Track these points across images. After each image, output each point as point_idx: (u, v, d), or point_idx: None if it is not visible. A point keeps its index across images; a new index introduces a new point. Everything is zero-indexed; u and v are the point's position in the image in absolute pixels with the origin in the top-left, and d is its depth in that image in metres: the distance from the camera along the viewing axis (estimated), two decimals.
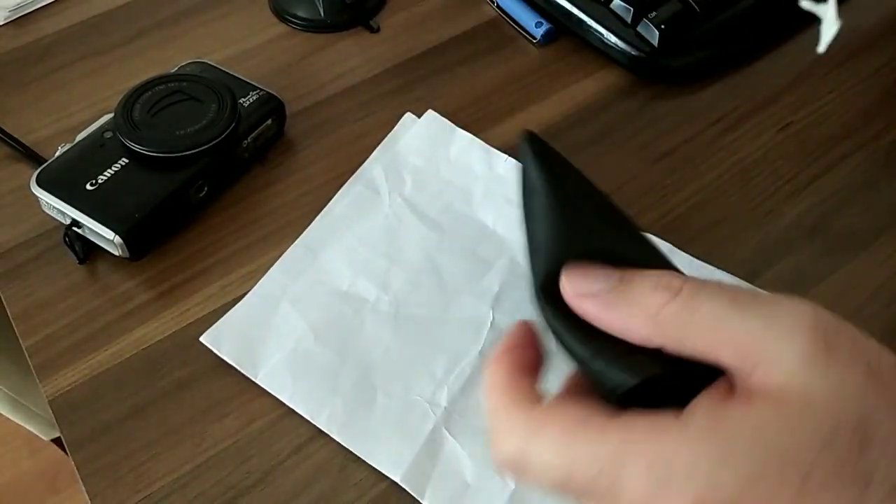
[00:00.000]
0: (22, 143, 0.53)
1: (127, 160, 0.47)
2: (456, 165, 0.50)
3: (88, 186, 0.46)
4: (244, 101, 0.51)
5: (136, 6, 0.63)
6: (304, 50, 0.59)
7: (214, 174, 0.49)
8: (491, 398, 0.24)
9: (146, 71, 0.53)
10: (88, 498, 0.39)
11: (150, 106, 0.48)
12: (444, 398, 0.41)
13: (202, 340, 0.43)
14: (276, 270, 0.46)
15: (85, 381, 0.42)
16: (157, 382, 0.42)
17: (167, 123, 0.48)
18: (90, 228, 0.45)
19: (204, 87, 0.50)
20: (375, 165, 0.50)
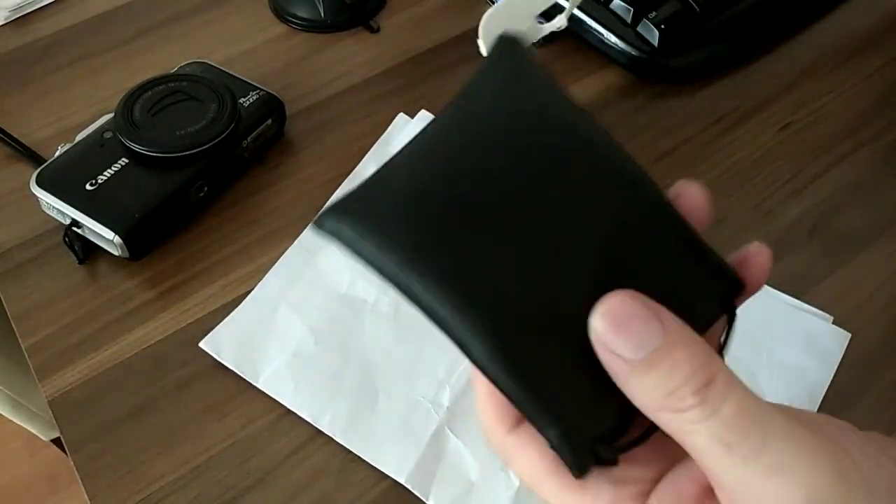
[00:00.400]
0: (22, 143, 0.53)
1: (127, 160, 0.47)
2: None
3: (88, 186, 0.46)
4: (244, 101, 0.51)
5: (135, 6, 0.63)
6: (304, 50, 0.59)
7: (214, 174, 0.49)
8: (479, 412, 0.25)
9: (146, 71, 0.53)
10: (88, 498, 0.38)
11: (150, 106, 0.48)
12: (446, 398, 0.41)
13: (202, 346, 0.43)
14: (273, 274, 0.45)
15: (85, 381, 0.42)
16: (157, 382, 0.42)
17: (167, 123, 0.48)
18: (90, 228, 0.45)
19: (204, 87, 0.50)
20: (370, 167, 0.50)
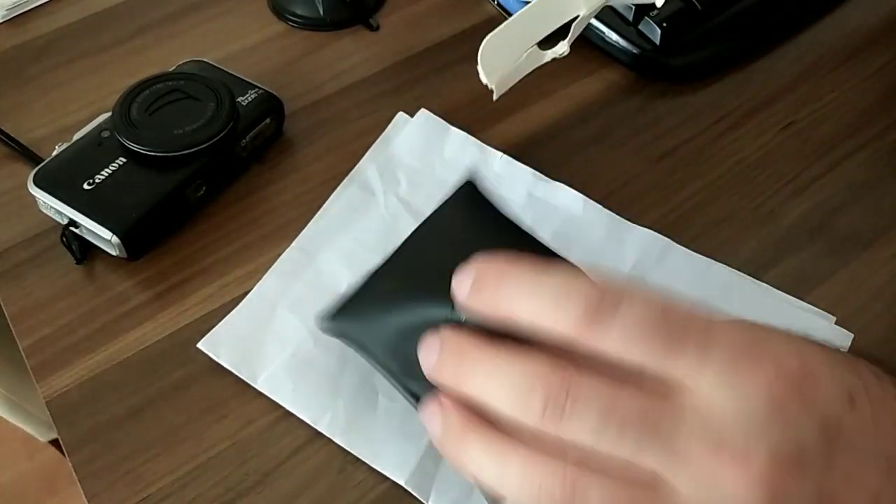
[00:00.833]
0: (19, 142, 0.52)
1: (125, 159, 0.47)
2: (450, 164, 0.50)
3: (86, 186, 0.46)
4: (242, 99, 0.50)
5: (133, 4, 0.62)
6: (302, 48, 0.59)
7: (213, 173, 0.48)
8: None
9: (144, 70, 0.53)
10: (86, 499, 0.38)
11: (147, 105, 0.48)
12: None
13: (200, 347, 0.42)
14: (271, 275, 0.45)
15: (82, 382, 0.42)
16: (155, 383, 0.42)
17: (165, 122, 0.47)
18: (88, 228, 0.45)
19: (202, 85, 0.49)
20: (370, 166, 0.50)
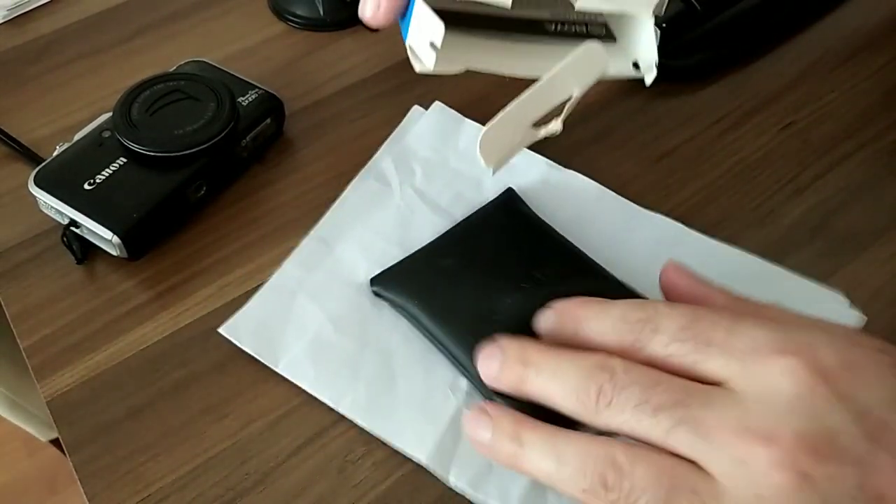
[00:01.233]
0: (20, 142, 0.52)
1: (125, 160, 0.47)
2: (465, 155, 0.50)
3: (87, 186, 0.46)
4: (243, 100, 0.50)
5: (134, 5, 0.62)
6: (303, 48, 0.59)
7: (213, 174, 0.48)
8: None
9: (144, 70, 0.53)
10: (87, 499, 0.38)
11: (148, 105, 0.48)
12: (464, 381, 0.41)
13: (221, 331, 0.42)
14: (290, 264, 0.46)
15: (83, 381, 0.42)
16: (155, 383, 0.42)
17: (166, 123, 0.47)
18: (88, 228, 0.45)
19: (202, 86, 0.49)
20: (385, 158, 0.51)
